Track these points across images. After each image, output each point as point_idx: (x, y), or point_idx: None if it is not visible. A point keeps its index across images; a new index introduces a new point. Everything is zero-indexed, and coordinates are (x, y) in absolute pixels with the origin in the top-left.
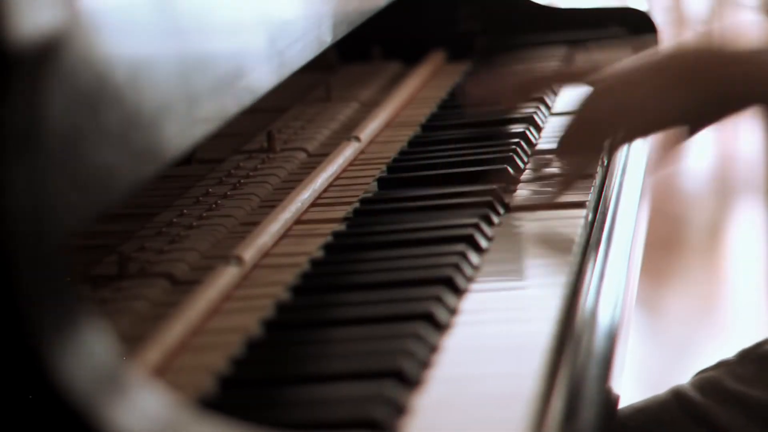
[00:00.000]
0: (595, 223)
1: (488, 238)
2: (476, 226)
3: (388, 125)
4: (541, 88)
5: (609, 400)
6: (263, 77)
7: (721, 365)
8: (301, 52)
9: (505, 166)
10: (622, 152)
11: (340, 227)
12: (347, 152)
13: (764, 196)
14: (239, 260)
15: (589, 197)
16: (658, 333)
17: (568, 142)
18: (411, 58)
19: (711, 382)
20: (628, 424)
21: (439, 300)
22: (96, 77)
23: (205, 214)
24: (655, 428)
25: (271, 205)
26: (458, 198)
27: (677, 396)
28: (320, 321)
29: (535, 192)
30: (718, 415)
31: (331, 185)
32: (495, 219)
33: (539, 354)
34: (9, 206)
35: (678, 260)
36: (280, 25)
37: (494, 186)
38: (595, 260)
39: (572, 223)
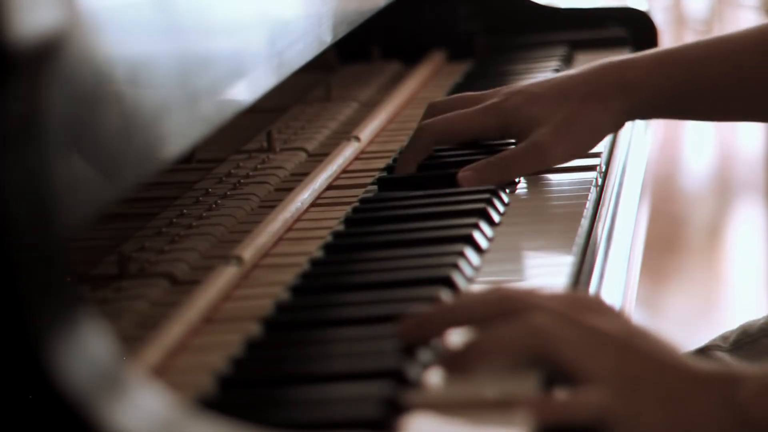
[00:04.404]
0: (595, 224)
1: (488, 238)
2: (476, 226)
3: (388, 125)
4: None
5: None
6: (263, 77)
7: None
8: (301, 52)
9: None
10: (623, 150)
11: (340, 227)
12: (347, 152)
13: (764, 196)
14: (239, 260)
15: (589, 197)
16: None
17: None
18: (411, 58)
19: None
20: None
21: (439, 300)
22: (96, 77)
23: (205, 214)
24: None
25: (271, 205)
26: (458, 197)
27: None
28: (320, 321)
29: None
30: None
31: (331, 185)
32: (495, 218)
33: None
34: (9, 206)
35: (678, 260)
36: (280, 25)
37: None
38: (594, 260)
39: (571, 224)
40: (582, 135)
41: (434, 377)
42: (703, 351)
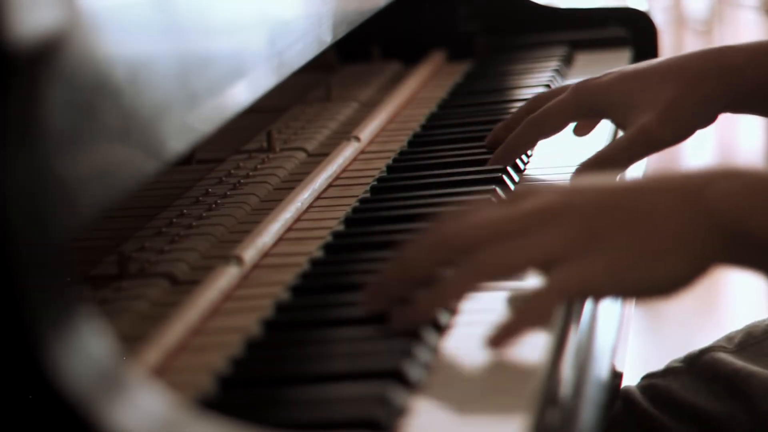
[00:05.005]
0: None
1: None
2: None
3: (388, 125)
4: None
5: (610, 400)
6: (263, 77)
7: (669, 373)
8: (301, 52)
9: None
10: None
11: (340, 227)
12: (347, 152)
13: None
14: (239, 260)
15: None
16: (658, 333)
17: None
18: (411, 58)
19: (662, 392)
20: None
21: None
22: (95, 77)
23: (205, 214)
24: None
25: (271, 205)
26: (458, 197)
27: (627, 402)
28: (320, 321)
29: None
30: (672, 429)
31: (331, 185)
32: None
33: (539, 353)
34: (9, 206)
35: None
36: (280, 25)
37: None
38: None
39: None
40: (685, 119)
41: (434, 377)
42: (707, 352)
